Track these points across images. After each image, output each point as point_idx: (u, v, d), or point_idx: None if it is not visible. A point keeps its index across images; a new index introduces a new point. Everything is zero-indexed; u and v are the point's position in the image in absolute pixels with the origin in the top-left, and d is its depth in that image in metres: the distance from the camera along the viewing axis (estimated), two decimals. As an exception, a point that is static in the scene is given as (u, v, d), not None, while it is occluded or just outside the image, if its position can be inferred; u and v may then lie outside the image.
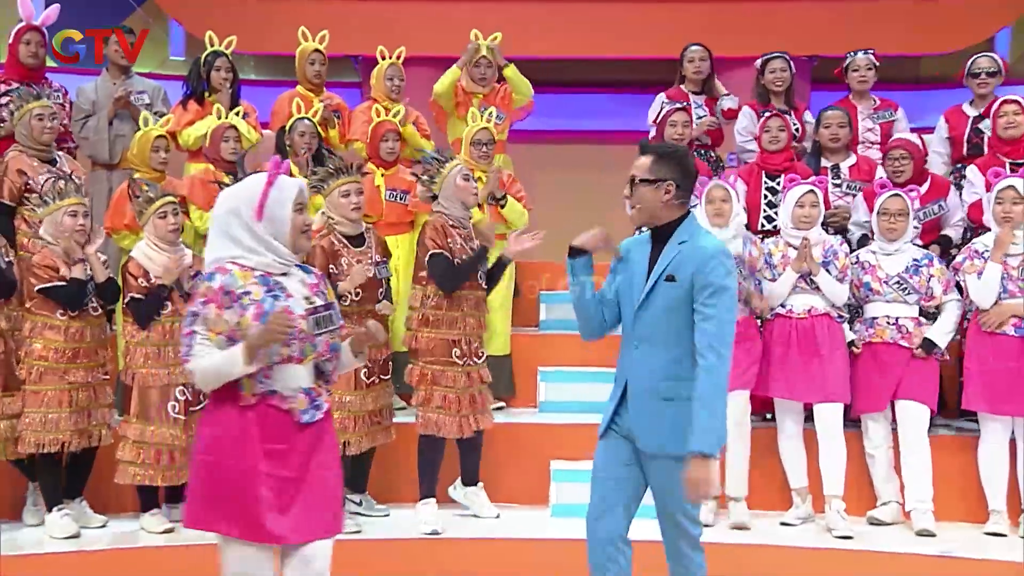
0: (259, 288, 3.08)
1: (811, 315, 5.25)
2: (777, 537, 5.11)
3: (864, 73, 6.29)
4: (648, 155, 3.51)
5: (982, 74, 6.06)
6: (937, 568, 4.83)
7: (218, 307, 3.04)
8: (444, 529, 5.10)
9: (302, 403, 3.13)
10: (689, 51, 6.58)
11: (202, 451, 3.14)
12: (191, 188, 5.84)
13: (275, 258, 3.13)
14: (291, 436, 3.10)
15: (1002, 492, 5.19)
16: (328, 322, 3.17)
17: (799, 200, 5.29)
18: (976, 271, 5.17)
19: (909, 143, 5.71)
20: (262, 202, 3.09)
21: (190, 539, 4.92)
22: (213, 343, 3.05)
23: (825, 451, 5.26)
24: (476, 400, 5.17)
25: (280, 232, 3.12)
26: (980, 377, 5.18)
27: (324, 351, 3.18)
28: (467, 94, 6.53)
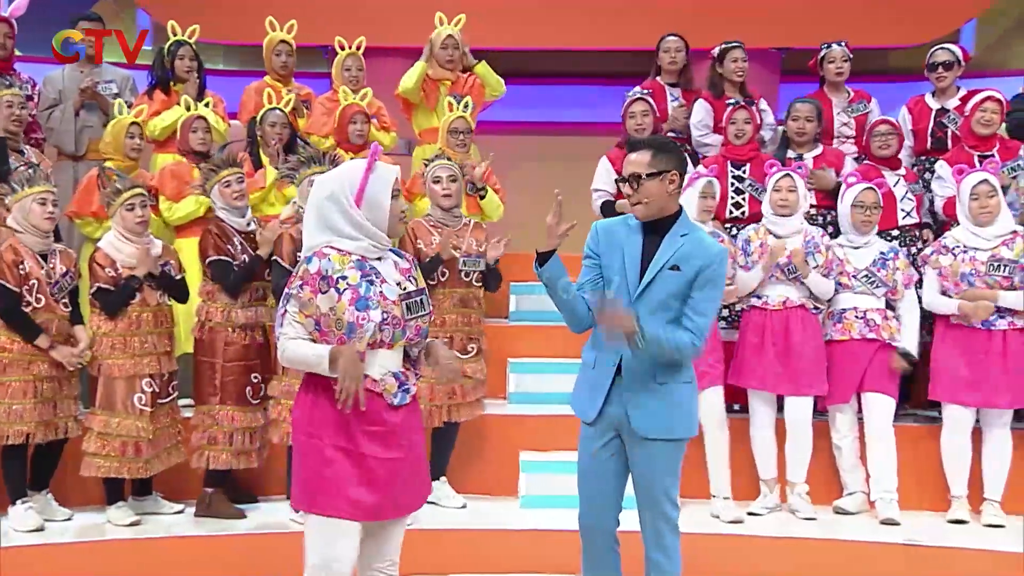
0: (355, 273, 3.12)
1: (786, 307, 5.26)
2: (745, 527, 5.13)
3: (840, 65, 6.27)
4: (644, 150, 3.52)
5: (939, 67, 6.08)
6: (901, 556, 4.87)
7: (312, 291, 3.09)
8: (414, 520, 5.06)
9: (392, 387, 3.18)
10: (665, 42, 6.52)
11: (304, 432, 3.18)
12: (160, 178, 5.80)
13: (372, 243, 3.17)
14: (386, 418, 3.17)
15: (964, 480, 5.25)
16: (419, 307, 3.23)
17: (776, 185, 5.31)
18: (939, 267, 5.22)
19: (893, 121, 5.78)
20: (362, 188, 3.13)
21: (156, 532, 4.94)
22: (303, 324, 3.11)
23: (792, 441, 5.30)
24: (455, 392, 5.19)
25: (379, 218, 3.16)
26: (945, 368, 5.23)
27: (414, 336, 3.24)
28: (434, 82, 6.49)
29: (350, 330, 3.10)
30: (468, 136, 6.06)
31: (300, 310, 3.12)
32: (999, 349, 5.13)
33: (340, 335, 3.10)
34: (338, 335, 3.10)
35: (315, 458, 3.15)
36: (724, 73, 6.34)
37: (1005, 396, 5.11)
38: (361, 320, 3.10)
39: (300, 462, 3.20)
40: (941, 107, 6.09)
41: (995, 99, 5.69)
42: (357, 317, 3.09)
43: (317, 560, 3.17)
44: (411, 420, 3.25)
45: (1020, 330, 5.15)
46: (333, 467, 3.12)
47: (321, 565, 3.17)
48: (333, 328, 3.10)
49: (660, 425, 3.51)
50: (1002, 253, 5.14)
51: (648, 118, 5.99)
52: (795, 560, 4.91)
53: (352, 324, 3.09)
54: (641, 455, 3.55)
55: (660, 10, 8.05)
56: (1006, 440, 5.19)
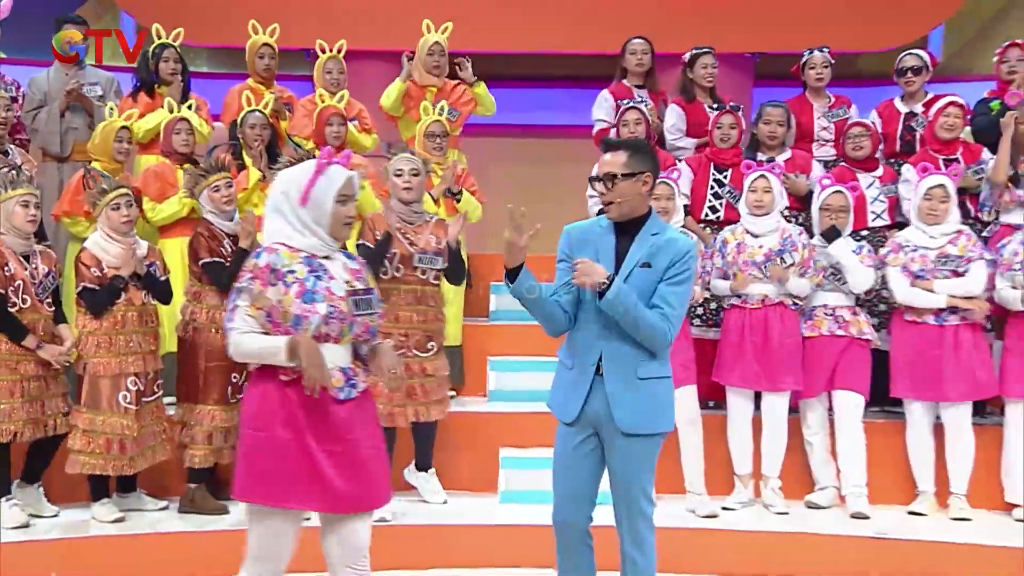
0: (303, 268, 3.17)
1: (764, 304, 5.29)
2: (719, 521, 5.15)
3: (820, 70, 6.31)
4: (621, 151, 3.54)
5: (908, 72, 6.13)
6: (871, 548, 4.91)
7: (262, 283, 3.13)
8: (394, 516, 5.08)
9: (338, 380, 3.18)
10: (631, 44, 6.52)
11: (252, 426, 3.20)
12: (144, 179, 5.78)
13: (318, 242, 3.21)
14: (330, 411, 3.17)
15: (930, 474, 5.31)
16: (367, 305, 3.25)
17: (751, 185, 5.34)
18: (900, 264, 5.26)
19: (867, 123, 5.85)
20: (308, 188, 3.18)
21: (141, 528, 4.92)
22: (254, 317, 3.14)
23: (769, 436, 5.34)
24: (416, 392, 5.12)
25: (321, 219, 3.19)
26: (904, 364, 5.29)
27: (362, 333, 3.25)
28: (420, 89, 6.48)
29: (296, 322, 3.13)
30: (444, 140, 6.05)
31: (252, 303, 3.14)
32: (951, 344, 5.19)
33: (286, 327, 3.13)
34: (284, 328, 3.13)
35: (260, 450, 3.16)
36: (694, 78, 6.37)
37: (957, 389, 5.18)
38: (307, 313, 3.13)
39: (245, 454, 3.20)
40: (910, 111, 6.15)
41: (957, 104, 5.76)
42: (303, 310, 3.12)
43: (256, 550, 3.20)
44: (359, 416, 3.23)
45: (971, 325, 5.23)
46: (277, 459, 3.13)
47: (261, 555, 3.20)
48: (281, 320, 3.13)
49: (642, 420, 3.52)
50: (948, 250, 5.22)
51: (641, 126, 5.99)
52: (768, 553, 4.94)
53: (298, 317, 3.13)
54: (621, 451, 3.56)
55: (631, 15, 8.07)
56: (967, 435, 5.24)
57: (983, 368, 5.24)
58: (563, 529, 3.67)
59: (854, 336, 5.30)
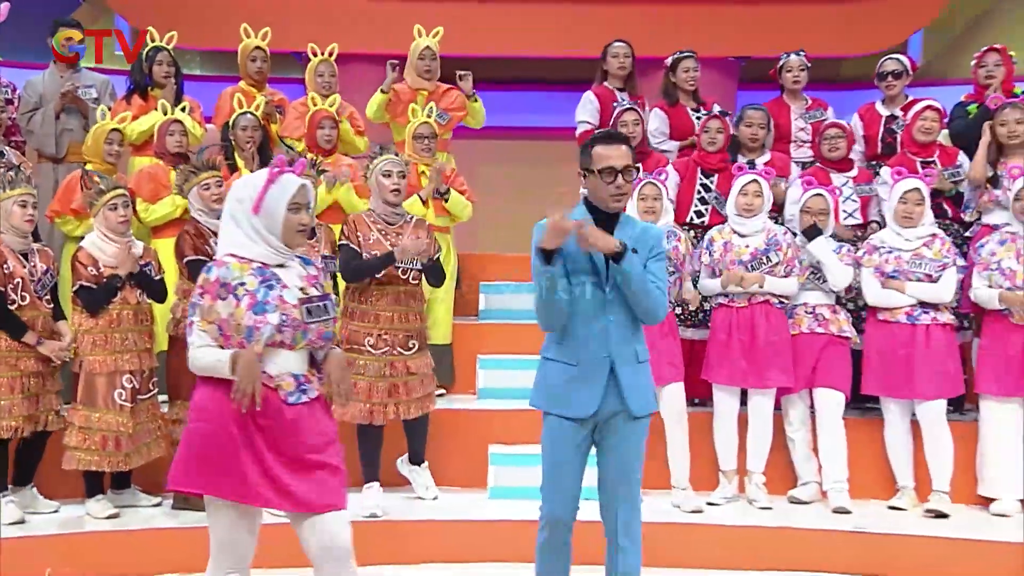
0: (254, 279, 3.15)
1: (751, 303, 5.32)
2: (704, 516, 5.18)
3: (797, 73, 6.36)
4: (623, 144, 3.56)
5: (889, 76, 6.17)
6: (852, 542, 4.95)
7: (212, 298, 3.13)
8: (385, 512, 5.09)
9: (288, 384, 3.19)
10: (613, 47, 6.53)
11: (198, 418, 3.19)
12: (137, 181, 5.78)
13: (269, 250, 3.20)
14: (278, 414, 3.17)
15: (909, 470, 5.35)
16: (322, 312, 3.23)
17: (743, 189, 5.36)
18: (873, 265, 5.30)
19: (843, 124, 5.88)
20: (260, 197, 3.17)
21: (134, 524, 4.93)
22: (207, 331, 3.14)
23: (754, 432, 5.37)
24: (399, 390, 5.12)
25: (273, 227, 3.18)
26: (877, 363, 5.33)
27: (316, 339, 3.24)
28: (412, 92, 6.49)
29: (249, 334, 3.12)
30: (433, 141, 6.07)
31: (203, 317, 3.14)
32: (923, 342, 5.23)
33: (240, 340, 3.12)
34: (238, 340, 3.12)
35: (204, 441, 3.15)
36: (677, 82, 6.40)
37: (929, 387, 5.22)
38: (259, 324, 3.12)
39: (187, 444, 3.19)
40: (891, 114, 6.19)
41: (934, 108, 5.81)
42: (255, 321, 3.12)
43: (216, 543, 3.23)
44: (309, 421, 3.21)
45: (942, 325, 5.27)
46: (219, 450, 3.13)
47: (221, 548, 3.22)
48: (233, 333, 3.13)
49: (647, 401, 3.59)
50: (923, 252, 5.27)
51: (639, 127, 6.00)
52: (752, 548, 4.98)
53: (250, 328, 3.12)
54: (626, 436, 3.57)
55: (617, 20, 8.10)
56: (943, 432, 5.27)
57: (954, 366, 5.29)
58: (556, 527, 3.65)
59: (834, 334, 5.34)
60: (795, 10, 8.40)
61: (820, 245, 5.31)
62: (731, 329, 5.32)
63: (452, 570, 4.90)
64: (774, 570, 4.90)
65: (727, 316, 5.35)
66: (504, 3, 8.54)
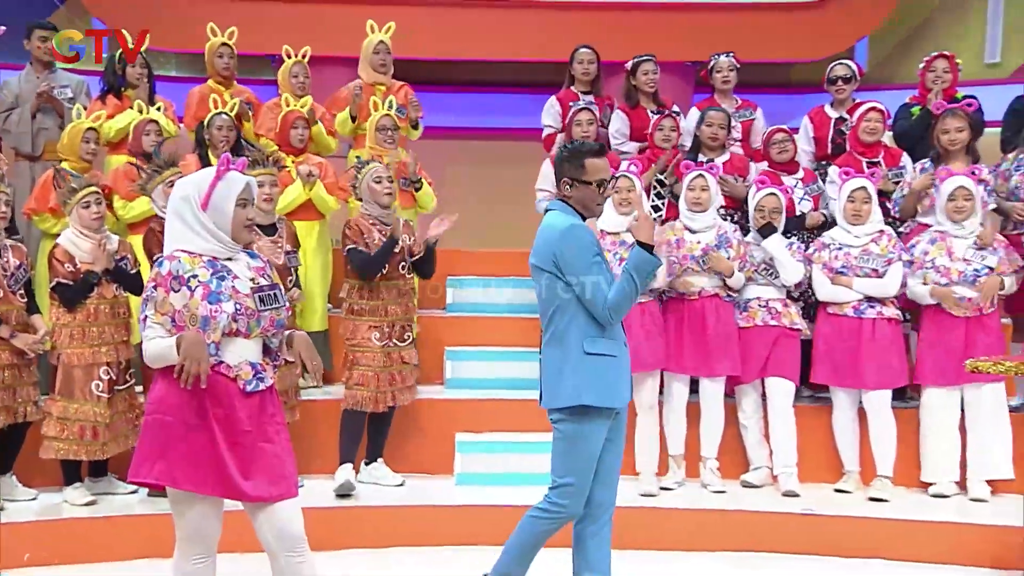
0: (206, 271, 3.13)
1: (701, 296, 5.35)
2: (660, 500, 5.21)
3: (726, 74, 6.38)
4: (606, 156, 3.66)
5: (839, 80, 6.22)
6: (800, 524, 4.99)
7: (166, 291, 3.10)
8: (358, 494, 5.08)
9: (246, 374, 3.17)
10: (579, 53, 6.55)
11: (156, 411, 3.15)
12: (114, 179, 5.73)
13: (219, 245, 3.18)
14: (236, 402, 3.14)
15: (854, 455, 5.41)
16: (272, 301, 3.24)
17: (690, 184, 5.39)
18: (822, 262, 5.35)
19: (787, 129, 5.91)
20: (208, 194, 3.15)
21: (111, 511, 4.88)
22: (159, 323, 3.11)
23: (706, 420, 5.41)
24: (396, 379, 5.24)
25: (222, 223, 3.17)
26: (826, 354, 5.38)
27: (269, 327, 3.24)
28: (369, 87, 6.47)
29: (204, 323, 3.10)
30: (395, 133, 6.11)
31: (156, 310, 3.12)
32: (869, 335, 5.29)
33: (195, 329, 3.10)
34: (193, 329, 3.10)
35: (166, 434, 3.11)
36: (637, 84, 6.42)
37: (874, 377, 5.28)
38: (214, 313, 3.11)
39: (148, 436, 3.16)
40: (840, 116, 6.24)
41: (878, 109, 5.86)
42: (210, 310, 3.11)
43: (183, 533, 3.20)
44: (265, 408, 3.21)
45: (888, 319, 5.33)
46: (181, 443, 3.10)
47: (188, 537, 3.19)
48: (188, 323, 3.10)
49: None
50: (871, 248, 5.32)
51: (593, 126, 6.04)
52: (707, 530, 5.01)
53: (206, 318, 3.10)
54: (623, 425, 3.70)
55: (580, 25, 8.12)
56: (888, 419, 5.33)
57: (898, 358, 5.35)
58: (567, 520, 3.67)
59: (786, 327, 5.38)
60: (748, 18, 8.47)
61: (774, 242, 5.34)
62: (683, 320, 5.34)
63: (420, 553, 4.90)
64: (728, 551, 4.94)
65: (678, 308, 5.37)
66: (473, 8, 8.53)
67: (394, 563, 4.79)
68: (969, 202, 5.23)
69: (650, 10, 8.49)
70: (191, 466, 3.10)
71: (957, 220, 5.26)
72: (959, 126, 5.47)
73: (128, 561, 4.66)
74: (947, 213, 5.28)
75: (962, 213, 5.24)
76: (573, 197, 3.64)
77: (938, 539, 4.82)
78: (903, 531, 4.88)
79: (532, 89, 8.15)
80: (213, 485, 3.12)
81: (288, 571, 3.23)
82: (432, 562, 4.80)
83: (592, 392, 3.55)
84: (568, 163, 3.63)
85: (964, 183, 5.24)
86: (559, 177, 3.67)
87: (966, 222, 5.25)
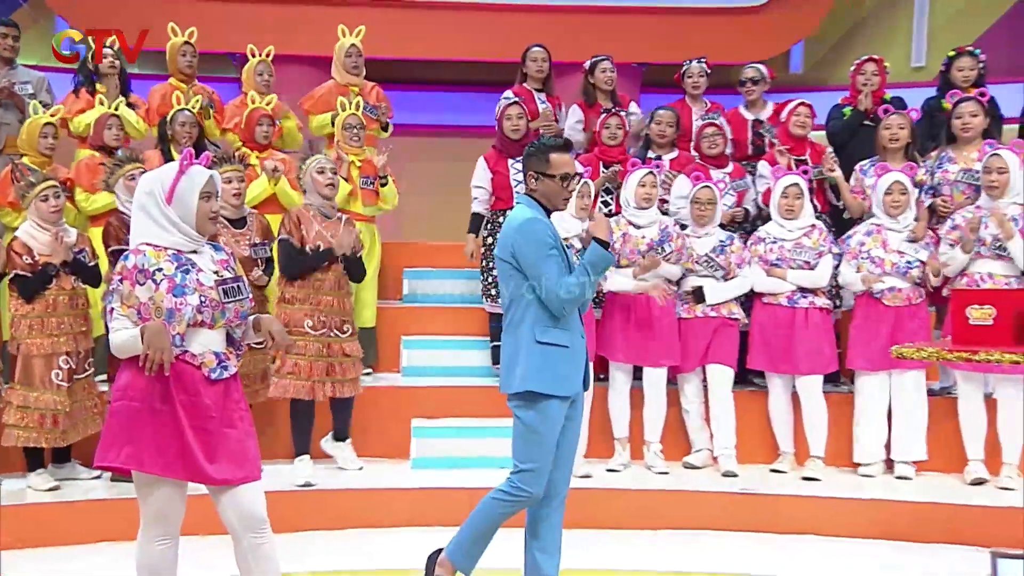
0: (171, 264, 3.12)
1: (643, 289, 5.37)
2: (608, 481, 5.25)
3: (697, 79, 6.43)
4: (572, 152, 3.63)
5: (748, 82, 6.29)
6: (739, 503, 5.05)
7: (131, 284, 3.08)
8: (317, 482, 5.06)
9: (210, 362, 3.15)
10: (531, 52, 6.53)
11: (123, 397, 3.13)
12: (77, 172, 5.66)
13: (183, 238, 3.16)
14: (201, 389, 3.13)
15: (789, 437, 5.48)
16: (236, 292, 3.23)
17: (640, 180, 5.41)
18: (758, 255, 5.43)
19: (719, 125, 5.95)
20: (172, 187, 3.13)
21: (74, 496, 4.81)
22: (126, 315, 3.08)
23: (650, 405, 5.44)
24: (335, 369, 5.13)
25: (187, 216, 3.15)
26: (762, 342, 5.44)
27: (233, 318, 3.23)
28: (343, 88, 6.42)
29: (169, 315, 3.09)
30: (362, 131, 6.05)
31: (123, 302, 3.10)
32: (802, 324, 5.36)
33: (160, 321, 3.08)
34: (158, 321, 3.08)
35: (133, 420, 3.10)
36: (595, 82, 6.44)
37: (807, 363, 5.35)
38: (179, 305, 3.10)
39: (115, 422, 3.14)
40: (756, 118, 6.30)
41: (806, 104, 5.95)
42: (175, 303, 3.10)
43: (147, 515, 3.17)
44: (229, 395, 3.20)
45: (819, 308, 5.40)
46: (150, 429, 3.09)
47: (152, 519, 3.17)
48: (153, 316, 3.09)
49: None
50: (803, 242, 5.39)
51: (522, 120, 6.02)
52: (652, 509, 5.05)
53: (171, 310, 3.09)
54: (579, 411, 3.70)
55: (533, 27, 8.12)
56: (820, 403, 5.41)
57: (829, 345, 5.43)
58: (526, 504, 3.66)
59: (725, 317, 5.43)
60: (691, 21, 8.53)
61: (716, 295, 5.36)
62: (628, 311, 5.37)
63: (377, 535, 4.88)
64: (670, 528, 4.98)
65: (623, 299, 5.40)
66: (430, 9, 8.49)
67: (353, 544, 4.77)
68: (904, 196, 5.32)
69: (598, 13, 8.51)
70: (157, 450, 3.08)
71: (893, 214, 5.35)
72: (901, 123, 5.56)
73: (91, 544, 4.59)
74: (883, 207, 5.37)
75: (898, 207, 5.33)
76: (538, 191, 3.63)
77: (866, 516, 4.91)
78: (834, 508, 4.96)
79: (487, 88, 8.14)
80: (179, 469, 3.10)
81: (251, 552, 3.21)
82: (389, 543, 4.78)
83: (540, 380, 3.55)
84: (534, 157, 3.63)
85: (899, 179, 5.34)
86: (525, 171, 3.67)
87: (901, 216, 5.35)
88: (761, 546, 4.77)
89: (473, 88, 8.85)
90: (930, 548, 4.72)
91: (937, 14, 8.98)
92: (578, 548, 4.44)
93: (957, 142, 5.51)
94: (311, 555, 4.58)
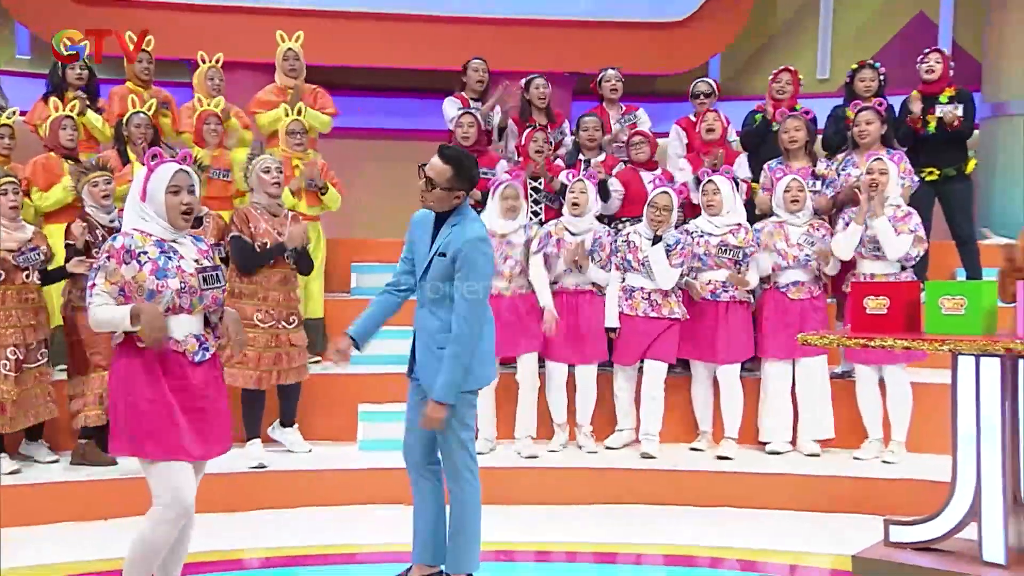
0: (155, 249, 3.16)
1: (576, 291, 5.45)
2: (541, 460, 5.29)
3: (614, 84, 6.49)
4: (448, 164, 3.48)
5: (700, 95, 6.40)
6: (661, 479, 5.13)
7: (118, 262, 3.11)
8: (269, 463, 5.03)
9: (193, 346, 3.19)
10: (472, 63, 6.55)
11: (119, 392, 3.17)
12: (33, 171, 5.53)
13: (161, 229, 3.20)
14: (187, 372, 3.17)
15: (708, 418, 5.58)
16: (214, 280, 3.25)
17: (571, 187, 5.46)
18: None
19: (646, 132, 6.05)
20: (144, 186, 3.20)
21: (37, 478, 4.74)
22: (107, 291, 3.10)
23: (581, 395, 5.51)
24: (282, 359, 5.12)
25: (159, 210, 3.19)
26: (687, 332, 5.49)
27: (210, 304, 3.25)
28: (282, 90, 6.36)
29: (150, 296, 3.12)
30: (304, 137, 6.02)
31: (107, 279, 3.12)
32: (723, 317, 5.45)
33: (141, 300, 3.11)
34: (140, 300, 3.11)
35: (135, 412, 3.13)
36: (530, 99, 6.46)
37: (727, 352, 5.45)
38: (160, 288, 3.12)
39: (121, 416, 3.16)
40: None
41: (713, 111, 6.08)
42: (157, 285, 3.12)
43: (167, 498, 3.16)
44: (210, 376, 3.25)
45: (739, 303, 5.50)
46: (151, 418, 3.12)
47: (171, 501, 3.16)
48: (135, 294, 3.12)
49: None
50: (729, 240, 5.46)
51: (473, 129, 6.02)
52: (581, 485, 5.12)
53: (152, 291, 3.12)
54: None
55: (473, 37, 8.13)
56: (736, 388, 5.48)
57: (746, 335, 5.51)
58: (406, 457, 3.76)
59: (666, 316, 5.43)
60: (619, 34, 8.61)
61: (655, 252, 5.33)
62: (563, 311, 5.40)
63: (327, 512, 4.88)
64: (599, 503, 5.04)
65: (560, 299, 5.43)
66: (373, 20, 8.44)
67: (303, 522, 4.75)
68: (802, 194, 5.46)
69: (532, 26, 8.54)
70: (164, 437, 3.12)
71: (792, 211, 5.49)
72: (797, 126, 5.70)
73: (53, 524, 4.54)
74: (783, 204, 5.50)
75: (797, 204, 5.46)
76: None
77: (772, 488, 5.03)
78: (744, 482, 5.07)
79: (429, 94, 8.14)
80: (183, 452, 3.15)
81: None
82: (337, 519, 4.78)
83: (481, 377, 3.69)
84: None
85: (797, 178, 5.48)
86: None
87: (800, 212, 5.48)
88: (682, 518, 4.85)
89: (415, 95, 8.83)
90: (832, 516, 4.86)
91: (840, 31, 9.24)
92: (512, 522, 4.50)
93: (859, 147, 5.68)
94: (264, 533, 4.55)
